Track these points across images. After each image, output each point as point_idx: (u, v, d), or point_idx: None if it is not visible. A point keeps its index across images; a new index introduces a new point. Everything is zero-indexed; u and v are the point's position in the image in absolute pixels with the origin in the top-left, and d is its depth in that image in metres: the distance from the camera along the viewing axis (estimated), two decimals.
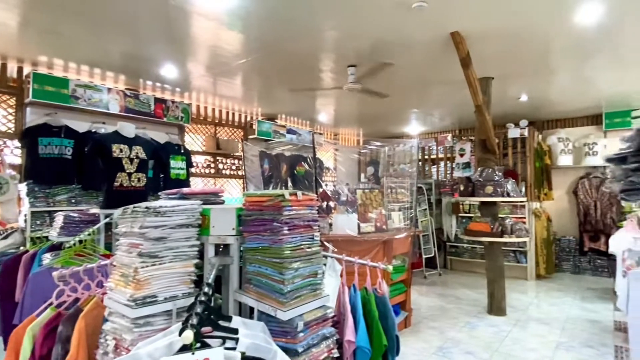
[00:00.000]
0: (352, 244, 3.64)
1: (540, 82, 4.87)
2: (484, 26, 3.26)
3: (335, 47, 3.82)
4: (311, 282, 1.48)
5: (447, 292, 5.37)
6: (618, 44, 3.68)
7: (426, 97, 5.64)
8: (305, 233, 1.49)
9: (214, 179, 5.89)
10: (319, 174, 6.35)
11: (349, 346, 1.56)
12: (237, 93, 5.51)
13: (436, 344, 3.59)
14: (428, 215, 6.42)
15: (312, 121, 7.26)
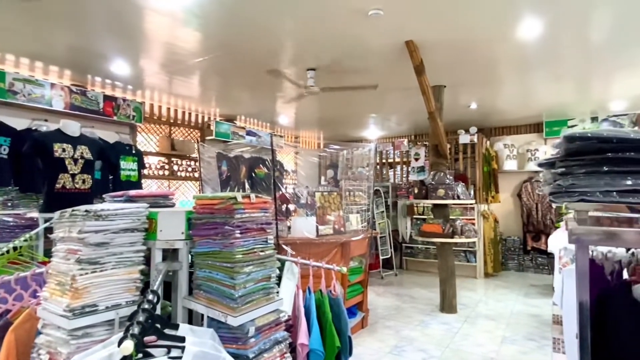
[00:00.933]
0: (310, 247, 3.65)
1: (488, 91, 5.17)
2: (436, 36, 3.40)
3: (295, 50, 3.83)
4: (264, 286, 1.47)
5: (403, 291, 5.54)
6: (555, 59, 3.99)
7: (384, 102, 5.79)
8: (259, 236, 1.48)
9: (168, 181, 5.67)
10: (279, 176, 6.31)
11: (302, 349, 1.56)
12: (193, 92, 5.35)
13: (391, 343, 3.68)
14: (385, 218, 6.59)
15: (273, 123, 7.21)
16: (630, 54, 3.83)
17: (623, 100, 5.48)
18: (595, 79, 4.68)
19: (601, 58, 3.97)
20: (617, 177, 0.86)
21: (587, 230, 0.78)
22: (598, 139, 0.88)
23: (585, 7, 2.92)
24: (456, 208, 6.12)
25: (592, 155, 0.91)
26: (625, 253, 1.11)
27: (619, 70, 4.34)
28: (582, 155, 0.92)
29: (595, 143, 0.89)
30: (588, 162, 0.91)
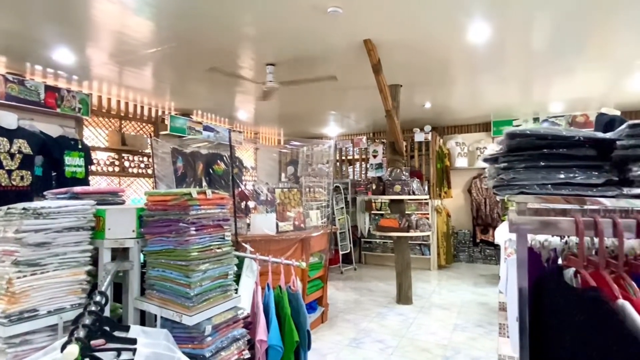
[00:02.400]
0: (270, 243, 3.62)
1: (441, 91, 5.40)
2: (392, 36, 3.49)
3: (254, 45, 3.76)
4: (221, 283, 1.44)
5: (361, 285, 5.66)
6: (501, 62, 4.24)
7: (343, 100, 5.87)
8: (216, 233, 1.45)
9: (119, 178, 5.37)
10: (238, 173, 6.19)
11: (261, 346, 1.55)
12: (146, 85, 5.10)
13: (350, 336, 3.75)
14: (345, 214, 6.69)
15: (231, 119, 7.05)
16: (567, 60, 4.17)
17: (561, 102, 5.95)
18: (537, 82, 5.04)
19: (542, 63, 4.28)
20: (552, 171, 0.93)
21: (524, 220, 0.85)
22: (535, 136, 0.95)
23: (528, 16, 3.13)
24: (412, 203, 6.35)
25: (530, 151, 0.98)
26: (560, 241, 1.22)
27: (557, 75, 4.70)
28: (522, 151, 0.99)
29: (533, 140, 0.96)
30: (527, 157, 0.98)
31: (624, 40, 3.66)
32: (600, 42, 3.69)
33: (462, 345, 3.50)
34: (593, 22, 3.25)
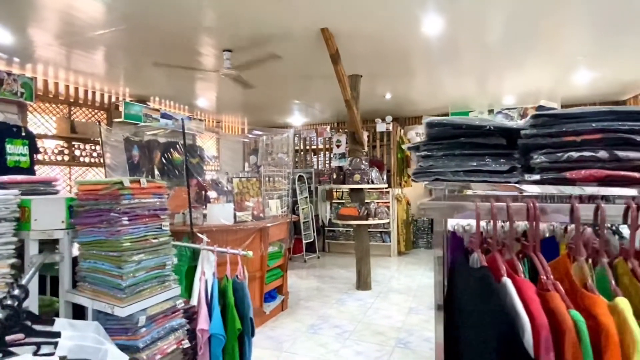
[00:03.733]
0: (227, 234, 3.59)
1: (401, 83, 5.49)
2: (350, 26, 3.50)
3: (211, 29, 3.65)
4: (158, 274, 1.42)
5: (324, 273, 5.75)
6: (457, 55, 4.37)
7: (306, 89, 5.84)
8: (152, 223, 1.42)
9: (69, 167, 5.10)
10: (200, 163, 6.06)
11: (202, 335, 1.54)
12: (97, 69, 4.84)
13: (309, 322, 3.82)
14: (308, 203, 6.72)
15: (191, 106, 6.85)
16: (518, 55, 4.35)
17: (513, 95, 6.22)
18: (491, 75, 5.24)
19: (495, 57, 4.44)
20: (465, 159, 0.98)
21: (428, 204, 0.89)
22: (451, 125, 1.00)
23: (479, 10, 3.23)
24: (373, 192, 6.48)
25: (448, 139, 1.02)
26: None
27: (510, 69, 4.90)
28: (441, 140, 1.03)
29: (449, 129, 1.00)
30: (445, 145, 1.03)
31: (569, 37, 3.87)
32: (548, 38, 3.88)
33: (415, 327, 3.65)
34: (541, 18, 3.41)
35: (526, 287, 0.62)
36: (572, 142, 0.86)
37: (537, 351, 0.56)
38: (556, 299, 0.58)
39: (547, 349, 0.55)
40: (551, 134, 0.88)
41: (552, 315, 0.56)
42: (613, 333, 0.51)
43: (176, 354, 1.45)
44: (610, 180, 0.81)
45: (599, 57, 4.46)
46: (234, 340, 1.61)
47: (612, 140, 0.83)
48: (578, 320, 0.54)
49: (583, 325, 0.54)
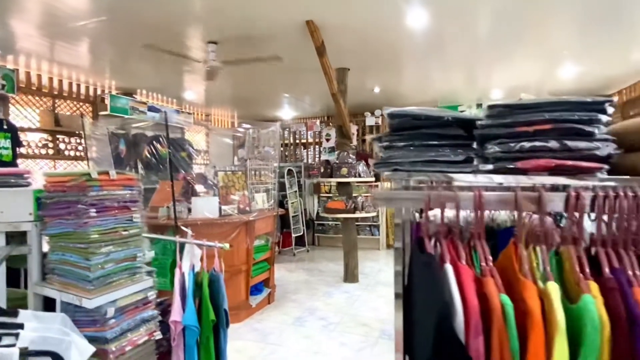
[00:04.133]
0: (212, 227, 3.58)
1: (390, 76, 5.48)
2: (335, 19, 3.48)
3: (195, 21, 3.61)
4: (128, 266, 1.42)
5: (313, 266, 5.77)
6: (443, 48, 4.37)
7: (295, 83, 5.81)
8: (121, 215, 1.41)
9: (54, 161, 5.04)
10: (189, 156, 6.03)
11: (176, 326, 1.55)
12: (82, 61, 4.77)
13: (295, 315, 3.84)
14: (298, 197, 6.73)
15: (180, 99, 6.79)
16: (505, 48, 4.36)
17: (501, 89, 6.25)
18: (479, 69, 5.25)
19: (483, 50, 4.45)
20: (425, 150, 0.99)
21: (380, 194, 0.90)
22: (411, 116, 1.00)
23: (465, 3, 3.22)
24: (362, 186, 6.50)
25: (409, 130, 1.03)
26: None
27: (498, 63, 4.92)
28: (402, 131, 1.04)
29: (410, 119, 1.01)
30: (406, 136, 1.03)
31: (555, 31, 3.89)
32: (534, 31, 3.89)
33: None
34: (527, 12, 3.41)
35: (466, 273, 0.63)
36: (525, 133, 0.87)
37: (467, 335, 0.57)
38: (490, 284, 0.59)
39: (477, 333, 0.56)
40: (505, 125, 0.89)
41: (485, 300, 0.58)
42: (537, 315, 0.53)
43: (148, 345, 1.46)
44: (559, 170, 0.82)
45: (584, 52, 4.49)
46: (209, 332, 1.62)
47: (563, 131, 0.84)
48: (505, 304, 0.55)
49: (510, 309, 0.55)
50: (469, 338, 0.57)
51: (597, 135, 0.82)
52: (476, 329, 0.56)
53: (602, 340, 0.49)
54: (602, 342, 0.48)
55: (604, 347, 0.48)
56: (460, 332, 0.57)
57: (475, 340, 0.56)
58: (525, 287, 0.57)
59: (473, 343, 0.56)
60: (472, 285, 0.60)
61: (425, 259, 0.72)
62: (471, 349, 0.56)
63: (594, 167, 0.79)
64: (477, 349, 0.56)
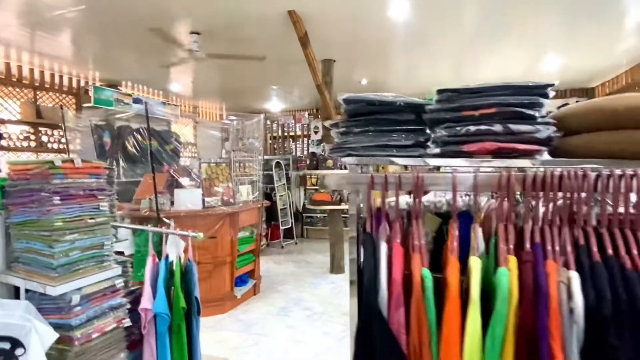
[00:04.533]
0: (195, 219, 3.59)
1: (377, 68, 5.48)
2: (318, 9, 3.46)
3: (177, 9, 3.57)
4: (95, 254, 1.42)
5: (300, 258, 5.80)
6: (428, 40, 4.37)
7: (283, 75, 5.78)
8: (87, 203, 1.41)
9: (36, 154, 4.98)
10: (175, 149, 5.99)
11: (146, 314, 1.56)
12: (64, 52, 4.71)
13: (280, 305, 3.87)
14: (286, 189, 6.73)
15: (166, 91, 6.72)
16: (491, 40, 4.38)
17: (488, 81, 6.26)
18: (466, 61, 5.26)
19: (469, 42, 4.46)
20: (379, 135, 1.00)
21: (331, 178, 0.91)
22: (366, 102, 1.01)
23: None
24: None
25: (366, 116, 1.04)
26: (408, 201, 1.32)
27: (484, 54, 4.93)
28: (358, 116, 1.05)
29: (364, 105, 1.02)
30: (362, 122, 1.04)
31: (539, 23, 3.91)
32: (519, 23, 3.91)
33: None
34: (512, 3, 3.42)
35: (397, 251, 0.64)
36: (471, 117, 0.88)
37: (389, 307, 0.59)
38: (415, 260, 0.61)
39: (398, 305, 0.58)
40: (453, 109, 0.91)
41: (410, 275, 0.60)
42: (452, 288, 0.55)
43: (116, 333, 1.47)
44: (502, 152, 0.84)
45: (568, 44, 4.53)
46: (180, 320, 1.63)
47: (507, 114, 0.85)
48: (425, 277, 0.57)
49: (428, 282, 0.57)
50: (391, 310, 0.59)
51: (539, 118, 0.84)
52: (397, 301, 0.58)
53: (510, 310, 0.50)
54: (509, 312, 0.50)
55: (510, 317, 0.50)
56: (385, 305, 0.59)
57: (396, 312, 0.58)
58: (449, 262, 0.59)
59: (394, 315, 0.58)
60: (401, 262, 0.62)
61: (364, 237, 0.74)
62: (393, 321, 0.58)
63: (533, 150, 0.81)
64: (398, 320, 0.58)
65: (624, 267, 0.52)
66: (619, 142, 0.76)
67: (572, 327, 0.48)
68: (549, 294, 0.49)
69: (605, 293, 0.47)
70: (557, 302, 0.49)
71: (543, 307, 0.49)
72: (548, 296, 0.49)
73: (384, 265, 0.62)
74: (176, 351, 1.66)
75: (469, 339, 0.51)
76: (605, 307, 0.47)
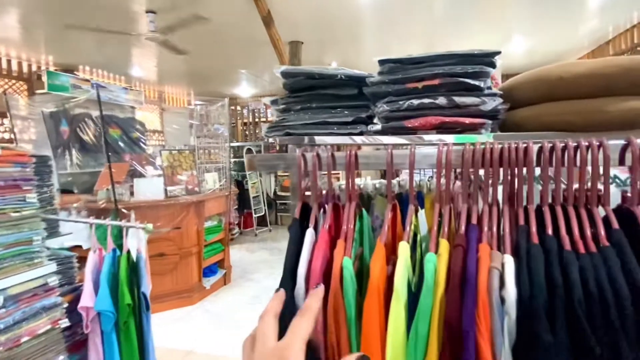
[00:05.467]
0: (158, 209, 3.43)
1: (347, 51, 5.37)
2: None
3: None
4: (22, 250, 1.29)
5: (274, 246, 5.73)
6: (398, 22, 4.29)
7: (251, 58, 5.59)
8: (10, 195, 1.27)
9: None
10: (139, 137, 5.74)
11: (87, 312, 1.45)
12: (11, 34, 4.36)
13: (251, 294, 3.80)
14: (259, 177, 6.59)
15: (128, 76, 6.39)
16: (460, 23, 4.34)
17: None
18: (437, 43, 5.21)
19: (438, 25, 4.41)
20: (319, 112, 0.92)
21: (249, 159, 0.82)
22: (304, 75, 0.92)
23: None
24: None
25: (307, 91, 0.95)
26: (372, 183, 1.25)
27: (453, 37, 4.90)
28: (299, 92, 0.96)
29: (303, 79, 0.93)
30: (304, 98, 0.95)
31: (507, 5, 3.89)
32: (487, 5, 3.87)
33: None
34: None
35: (323, 237, 0.57)
36: (414, 89, 0.81)
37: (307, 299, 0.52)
38: (338, 247, 0.54)
39: None
40: (395, 81, 0.83)
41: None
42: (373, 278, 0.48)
43: (53, 335, 1.35)
44: (445, 127, 0.78)
45: (534, 26, 4.56)
46: (127, 317, 1.52)
47: (451, 86, 0.79)
48: (344, 268, 0.50)
49: (347, 272, 0.50)
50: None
51: (485, 90, 0.78)
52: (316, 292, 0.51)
53: (435, 301, 0.44)
54: (435, 303, 0.44)
55: (436, 308, 0.44)
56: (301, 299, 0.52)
57: None
58: (376, 249, 0.52)
59: None
60: (324, 249, 0.55)
61: (291, 223, 0.66)
62: None
63: (477, 123, 0.74)
64: None
65: (562, 248, 0.46)
66: (567, 113, 0.71)
67: (503, 319, 0.42)
68: (477, 282, 0.43)
69: (538, 278, 0.41)
70: (487, 291, 0.42)
71: (470, 297, 0.42)
72: (476, 284, 0.43)
73: (305, 254, 0.54)
74: (126, 349, 1.56)
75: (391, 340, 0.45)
76: (536, 295, 0.41)
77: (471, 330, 0.41)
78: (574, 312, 0.39)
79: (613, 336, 0.37)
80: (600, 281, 0.40)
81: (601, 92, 0.69)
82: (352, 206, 0.63)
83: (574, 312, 0.39)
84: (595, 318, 0.38)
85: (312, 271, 0.51)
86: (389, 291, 0.51)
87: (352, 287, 0.49)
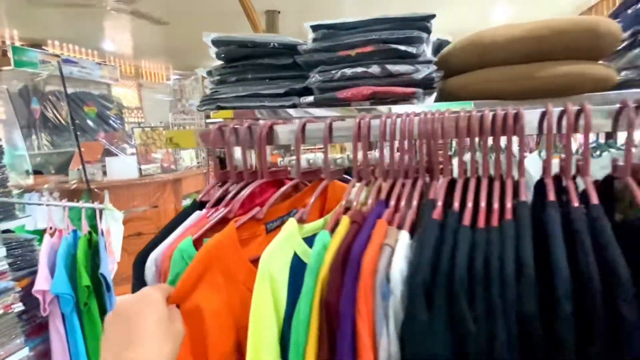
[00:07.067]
0: (132, 188, 3.37)
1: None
2: None
3: None
4: None
5: None
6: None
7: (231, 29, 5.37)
8: None
9: None
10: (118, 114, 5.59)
11: (43, 295, 1.42)
12: None
13: None
14: None
15: (101, 51, 6.13)
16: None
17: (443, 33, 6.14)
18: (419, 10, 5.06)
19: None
20: (253, 83, 0.87)
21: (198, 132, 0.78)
22: (237, 43, 0.86)
23: None
24: None
25: (242, 61, 0.89)
26: None
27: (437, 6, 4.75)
28: (235, 62, 0.90)
29: (237, 48, 0.87)
30: (240, 69, 0.90)
31: None
32: None
33: None
34: None
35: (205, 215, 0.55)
36: (347, 58, 0.76)
37: None
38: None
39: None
40: (328, 49, 0.78)
41: None
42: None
43: (8, 319, 1.33)
44: (378, 97, 0.74)
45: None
46: (88, 298, 1.51)
47: (385, 53, 0.74)
48: (181, 249, 0.47)
49: (177, 254, 0.47)
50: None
51: (420, 57, 0.73)
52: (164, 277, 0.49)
53: (317, 284, 0.41)
54: (317, 287, 0.41)
55: (317, 292, 0.41)
56: (151, 281, 0.50)
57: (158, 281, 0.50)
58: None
59: None
60: (194, 229, 0.52)
61: (191, 203, 0.64)
62: None
63: (408, 92, 0.70)
64: None
65: (459, 223, 0.44)
66: (497, 79, 0.67)
67: (388, 299, 0.39)
68: (362, 259, 0.40)
69: (423, 257, 0.39)
70: (371, 270, 0.40)
71: (349, 276, 0.40)
72: (359, 262, 0.40)
73: (175, 233, 0.52)
74: (89, 331, 1.55)
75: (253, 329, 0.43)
76: (414, 273, 0.38)
77: (348, 312, 0.39)
78: (453, 290, 0.37)
79: (492, 316, 0.35)
80: (488, 258, 0.38)
81: (536, 56, 0.66)
82: (255, 183, 0.60)
83: (453, 290, 0.37)
84: (476, 296, 0.36)
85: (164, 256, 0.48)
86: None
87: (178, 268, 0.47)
